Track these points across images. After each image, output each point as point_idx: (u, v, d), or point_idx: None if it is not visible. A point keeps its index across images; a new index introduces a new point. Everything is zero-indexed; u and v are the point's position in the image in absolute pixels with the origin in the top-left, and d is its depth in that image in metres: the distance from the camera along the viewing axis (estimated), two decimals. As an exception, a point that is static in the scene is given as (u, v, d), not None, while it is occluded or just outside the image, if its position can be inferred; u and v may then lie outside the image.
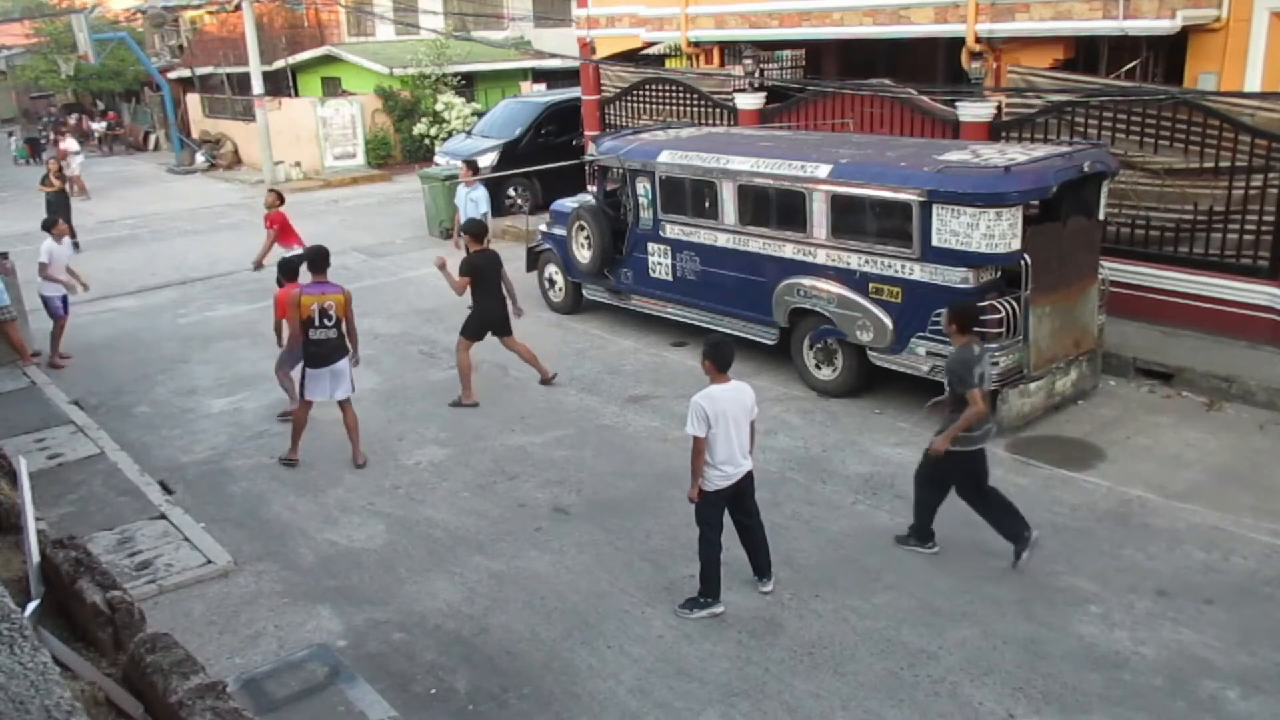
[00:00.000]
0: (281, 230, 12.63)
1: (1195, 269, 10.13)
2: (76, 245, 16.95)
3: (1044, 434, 8.60)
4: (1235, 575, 6.43)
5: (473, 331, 9.91)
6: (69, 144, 26.72)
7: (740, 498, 6.30)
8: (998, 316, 8.31)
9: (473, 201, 13.01)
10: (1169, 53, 11.11)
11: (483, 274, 9.72)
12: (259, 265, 12.70)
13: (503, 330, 10.02)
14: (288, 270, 9.45)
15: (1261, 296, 9.74)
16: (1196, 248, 10.10)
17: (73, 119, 33.74)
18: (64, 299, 11.70)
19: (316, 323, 8.28)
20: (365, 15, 29.76)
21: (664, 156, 10.64)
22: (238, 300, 14.06)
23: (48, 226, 11.95)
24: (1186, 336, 10.04)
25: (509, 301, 9.92)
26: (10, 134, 32.84)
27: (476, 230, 10.21)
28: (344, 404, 8.64)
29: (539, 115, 19.08)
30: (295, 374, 9.11)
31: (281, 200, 12.87)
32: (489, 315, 9.90)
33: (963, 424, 6.37)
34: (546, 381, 10.23)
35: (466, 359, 9.87)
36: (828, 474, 8.05)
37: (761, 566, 6.51)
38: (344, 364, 8.49)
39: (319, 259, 8.55)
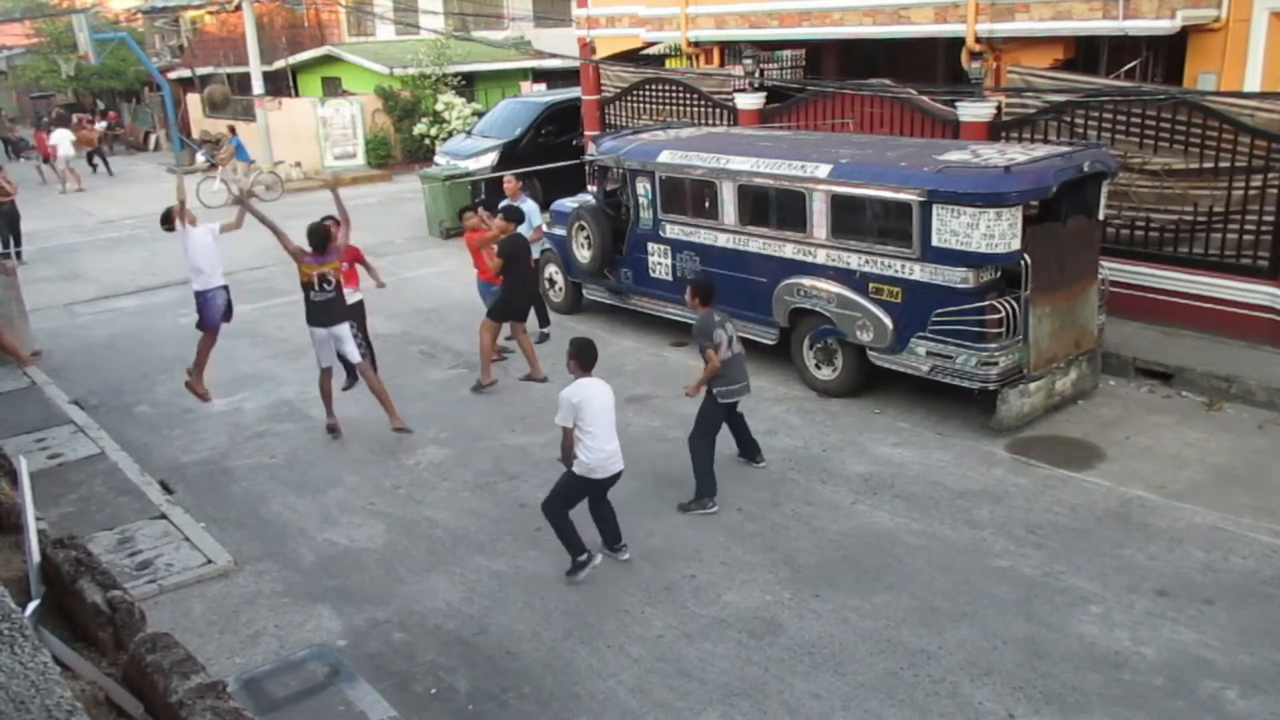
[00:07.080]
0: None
1: (1195, 269, 10.13)
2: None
3: (1044, 434, 8.60)
4: (1235, 575, 6.44)
5: (499, 315, 10.20)
6: (59, 135, 26.54)
7: (606, 488, 6.82)
8: (998, 316, 8.32)
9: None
10: (1169, 53, 11.10)
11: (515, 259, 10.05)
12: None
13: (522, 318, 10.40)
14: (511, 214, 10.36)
15: (1261, 296, 9.74)
16: (1196, 248, 10.11)
17: (74, 119, 33.67)
18: None
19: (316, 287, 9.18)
20: (365, 15, 29.75)
21: (664, 156, 10.64)
22: (238, 300, 13.89)
23: None
24: (1186, 336, 10.04)
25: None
26: None
27: (515, 215, 10.42)
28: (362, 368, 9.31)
29: (539, 115, 19.05)
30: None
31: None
32: (518, 301, 10.25)
33: (706, 376, 7.53)
34: (538, 379, 10.28)
35: (489, 340, 10.16)
36: (828, 474, 8.05)
37: (611, 538, 6.93)
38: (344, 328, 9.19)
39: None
